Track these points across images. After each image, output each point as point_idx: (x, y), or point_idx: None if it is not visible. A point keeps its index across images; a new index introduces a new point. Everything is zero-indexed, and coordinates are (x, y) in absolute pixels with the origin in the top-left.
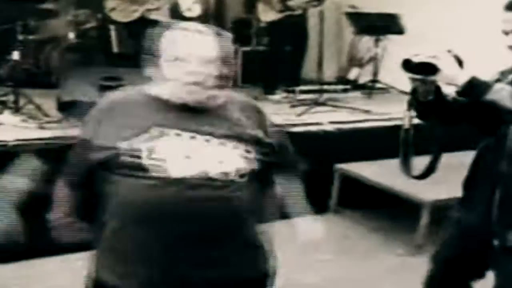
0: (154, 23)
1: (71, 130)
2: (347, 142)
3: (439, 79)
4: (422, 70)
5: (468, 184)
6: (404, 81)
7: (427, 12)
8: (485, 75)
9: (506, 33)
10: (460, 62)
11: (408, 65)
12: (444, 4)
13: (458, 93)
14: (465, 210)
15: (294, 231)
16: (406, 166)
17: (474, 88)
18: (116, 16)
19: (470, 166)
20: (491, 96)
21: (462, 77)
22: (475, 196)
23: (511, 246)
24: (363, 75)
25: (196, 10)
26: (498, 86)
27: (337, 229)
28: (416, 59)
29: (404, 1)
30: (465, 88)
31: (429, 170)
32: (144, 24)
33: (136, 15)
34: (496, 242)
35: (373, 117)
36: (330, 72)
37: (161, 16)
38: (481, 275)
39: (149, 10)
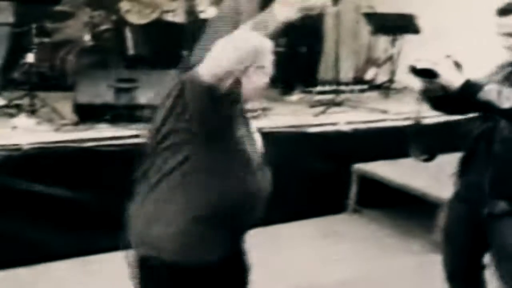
0: (170, 25)
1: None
2: (364, 142)
3: (440, 81)
4: (426, 74)
5: (466, 161)
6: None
7: (441, 12)
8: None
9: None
10: (458, 66)
11: (414, 69)
12: (458, 4)
13: (457, 93)
14: (462, 184)
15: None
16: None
17: (469, 89)
18: (132, 18)
19: (469, 146)
20: (482, 96)
21: (461, 79)
22: (471, 171)
23: (498, 213)
24: (380, 75)
25: (212, 11)
26: (488, 87)
27: (355, 228)
28: (418, 66)
29: (419, 1)
30: (462, 89)
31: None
32: (159, 26)
33: (153, 16)
34: (486, 211)
35: (390, 117)
36: (347, 72)
37: (177, 18)
38: (486, 247)
39: (165, 12)
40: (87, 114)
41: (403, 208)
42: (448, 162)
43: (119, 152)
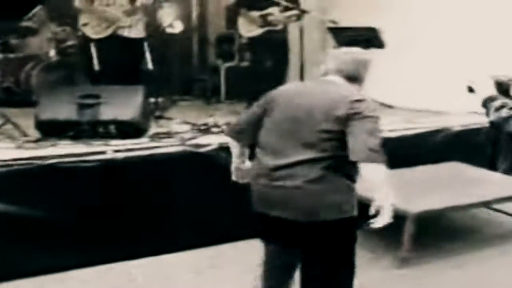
0: (131, 40)
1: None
2: None
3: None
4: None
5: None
6: (384, 94)
7: (405, 26)
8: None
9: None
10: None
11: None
12: (422, 18)
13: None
14: None
15: None
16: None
17: (485, 108)
18: (88, 31)
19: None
20: (491, 117)
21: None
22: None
23: None
24: None
25: (178, 26)
26: (494, 105)
27: None
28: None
29: (384, 15)
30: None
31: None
32: (122, 41)
33: (109, 32)
34: None
35: None
36: None
37: (133, 33)
38: None
39: (121, 27)
40: (50, 130)
41: (371, 221)
42: (412, 176)
43: (82, 169)
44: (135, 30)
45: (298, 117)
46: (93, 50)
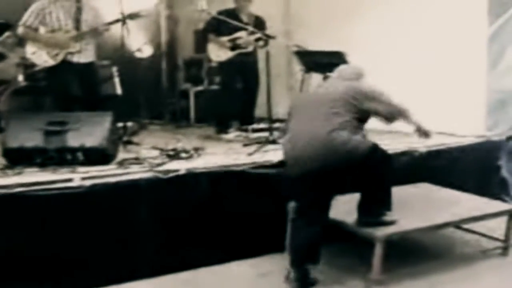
0: (79, 65)
1: None
2: None
3: None
4: None
5: None
6: None
7: (371, 49)
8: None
9: None
10: None
11: None
12: (388, 41)
13: None
14: None
15: None
16: None
17: None
18: (37, 60)
19: None
20: None
21: None
22: None
23: None
24: None
25: (147, 50)
26: None
27: None
28: None
29: (349, 39)
30: None
31: None
32: (69, 68)
33: (59, 58)
34: None
35: None
36: (283, 109)
37: (84, 58)
38: None
39: (70, 53)
40: (17, 158)
41: (340, 245)
42: None
43: (49, 197)
44: (85, 55)
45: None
46: (61, 75)
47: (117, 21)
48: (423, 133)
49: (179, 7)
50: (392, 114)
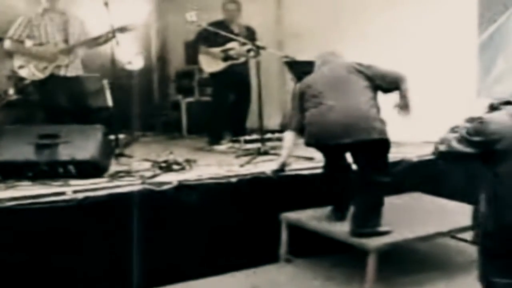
0: (68, 79)
1: None
2: (292, 190)
3: None
4: None
5: None
6: None
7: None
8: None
9: None
10: None
11: None
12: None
13: None
14: None
15: None
16: None
17: None
18: (25, 73)
19: None
20: None
21: None
22: None
23: None
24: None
25: (138, 62)
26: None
27: (288, 279)
28: None
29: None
30: None
31: None
32: (58, 81)
33: (47, 72)
34: None
35: (316, 165)
36: (275, 120)
37: (72, 71)
38: None
39: (58, 66)
40: (9, 172)
41: (336, 256)
42: None
43: (41, 211)
44: (72, 68)
45: None
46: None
47: (105, 35)
48: (405, 106)
49: (169, 19)
50: (394, 77)
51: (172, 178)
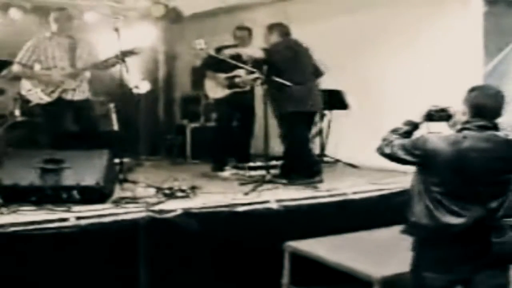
0: (75, 103)
1: None
2: (295, 219)
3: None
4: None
5: None
6: (348, 154)
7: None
8: None
9: None
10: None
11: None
12: (384, 80)
13: None
14: None
15: None
16: None
17: None
18: (33, 97)
19: None
20: None
21: None
22: None
23: None
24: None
25: (144, 87)
26: None
27: None
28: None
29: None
30: None
31: None
32: (65, 105)
33: (55, 96)
34: None
35: (320, 194)
36: (280, 148)
37: (79, 96)
38: None
39: (65, 90)
40: (12, 196)
41: (339, 286)
42: (378, 237)
43: (44, 237)
44: (80, 92)
45: None
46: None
47: (113, 58)
48: None
49: (176, 44)
50: None
51: (176, 206)
